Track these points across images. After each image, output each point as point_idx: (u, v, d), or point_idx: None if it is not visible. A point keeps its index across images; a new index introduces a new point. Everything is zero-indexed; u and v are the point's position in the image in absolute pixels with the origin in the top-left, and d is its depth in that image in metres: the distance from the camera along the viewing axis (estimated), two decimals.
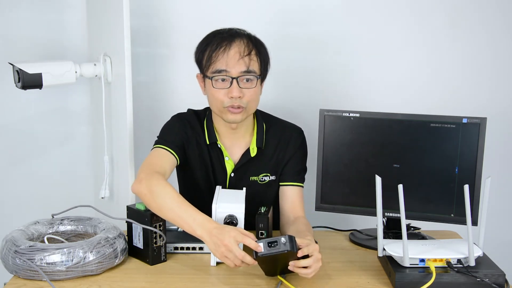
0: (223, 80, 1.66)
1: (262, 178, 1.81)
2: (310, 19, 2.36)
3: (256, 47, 1.70)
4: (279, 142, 1.82)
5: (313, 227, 1.76)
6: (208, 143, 1.77)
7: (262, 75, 1.72)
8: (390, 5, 2.36)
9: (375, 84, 2.41)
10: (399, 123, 1.74)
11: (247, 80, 1.67)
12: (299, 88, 2.38)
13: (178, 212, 1.48)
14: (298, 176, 1.82)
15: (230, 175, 1.79)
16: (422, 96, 2.40)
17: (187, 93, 2.37)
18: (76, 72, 2.00)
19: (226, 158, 1.78)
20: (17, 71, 1.89)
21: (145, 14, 2.32)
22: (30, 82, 1.89)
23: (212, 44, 1.68)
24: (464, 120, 1.69)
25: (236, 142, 1.80)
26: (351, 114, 1.77)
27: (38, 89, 1.93)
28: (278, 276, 1.45)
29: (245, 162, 1.78)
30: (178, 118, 1.81)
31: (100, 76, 2.05)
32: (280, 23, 2.31)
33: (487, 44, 2.39)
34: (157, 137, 1.78)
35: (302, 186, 1.83)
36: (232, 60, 1.65)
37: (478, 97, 2.42)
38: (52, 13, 2.30)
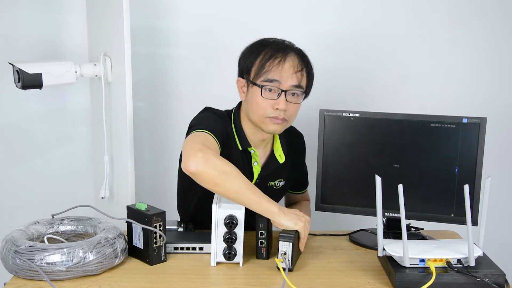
0: (270, 90, 1.66)
1: (277, 184, 1.84)
2: (309, 19, 2.36)
3: (308, 64, 1.71)
4: (291, 146, 1.85)
5: (314, 234, 1.80)
6: (240, 148, 1.74)
7: (307, 91, 1.73)
8: (390, 5, 2.36)
9: (375, 84, 2.41)
10: (399, 123, 1.74)
11: (293, 94, 1.68)
12: None
13: (256, 192, 1.52)
14: (307, 182, 2.02)
15: (256, 180, 1.78)
16: (422, 96, 2.41)
17: (187, 93, 2.38)
18: (76, 72, 2.00)
19: (254, 164, 1.77)
20: (17, 71, 1.89)
21: (145, 14, 2.32)
22: (30, 82, 1.89)
23: (266, 53, 1.66)
24: (464, 120, 1.69)
25: (258, 147, 1.78)
26: (351, 114, 1.77)
27: (38, 89, 1.93)
28: (282, 273, 1.45)
29: (274, 168, 1.80)
30: (216, 115, 1.74)
31: (100, 76, 2.05)
32: (279, 23, 2.31)
33: (487, 44, 2.39)
34: (196, 124, 1.67)
35: None
36: (286, 73, 1.65)
37: (478, 97, 2.42)
38: (52, 13, 2.30)
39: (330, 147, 1.78)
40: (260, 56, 1.67)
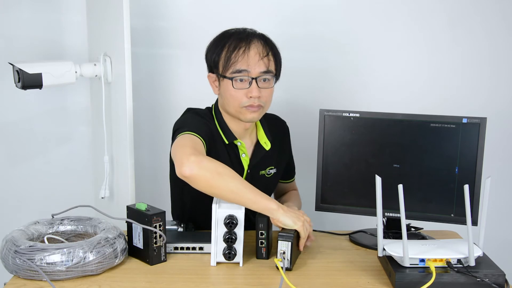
0: (241, 80, 1.67)
1: (268, 171, 1.84)
2: (310, 19, 2.36)
3: (272, 48, 1.72)
4: (276, 133, 1.86)
5: (315, 230, 1.79)
6: (227, 142, 1.75)
7: (277, 74, 1.74)
8: (390, 5, 2.36)
9: (375, 84, 2.42)
10: (399, 123, 1.74)
11: (265, 80, 1.69)
12: (299, 88, 2.39)
13: (253, 190, 1.51)
14: (294, 170, 2.01)
15: (247, 171, 1.79)
16: (422, 96, 2.41)
17: (187, 93, 2.38)
18: (76, 72, 2.01)
19: (243, 155, 1.78)
20: (17, 71, 1.89)
21: (145, 14, 2.32)
22: (30, 82, 1.89)
23: (229, 45, 1.68)
24: (464, 120, 1.69)
25: (244, 138, 1.80)
26: (351, 114, 1.77)
27: (38, 89, 1.93)
28: (281, 272, 1.45)
29: (262, 157, 1.80)
30: (198, 114, 1.76)
31: (100, 76, 2.05)
32: (279, 23, 2.32)
33: (487, 44, 2.39)
34: (180, 127, 1.67)
35: None
36: (253, 60, 1.66)
37: (478, 97, 2.42)
38: (52, 13, 2.30)
39: (330, 147, 1.78)
40: (224, 49, 1.68)
